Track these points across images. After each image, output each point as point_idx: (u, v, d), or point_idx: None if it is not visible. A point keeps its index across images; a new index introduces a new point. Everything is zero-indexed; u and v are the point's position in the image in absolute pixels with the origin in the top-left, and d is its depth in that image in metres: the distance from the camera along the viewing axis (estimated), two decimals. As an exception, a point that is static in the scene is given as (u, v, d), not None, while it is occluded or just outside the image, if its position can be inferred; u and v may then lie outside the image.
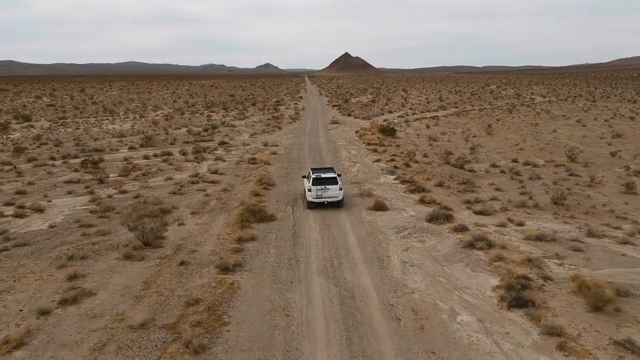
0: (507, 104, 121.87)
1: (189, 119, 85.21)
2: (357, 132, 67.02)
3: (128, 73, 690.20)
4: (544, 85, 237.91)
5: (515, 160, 45.89)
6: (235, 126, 74.32)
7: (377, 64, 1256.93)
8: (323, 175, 29.05)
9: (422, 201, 30.27)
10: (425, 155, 47.93)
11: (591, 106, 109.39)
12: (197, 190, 33.88)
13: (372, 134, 63.41)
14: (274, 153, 49.17)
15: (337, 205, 29.18)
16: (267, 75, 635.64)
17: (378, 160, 44.90)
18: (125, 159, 45.57)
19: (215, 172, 39.53)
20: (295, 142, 57.64)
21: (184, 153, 49.01)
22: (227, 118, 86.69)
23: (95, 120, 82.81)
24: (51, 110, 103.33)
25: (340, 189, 28.84)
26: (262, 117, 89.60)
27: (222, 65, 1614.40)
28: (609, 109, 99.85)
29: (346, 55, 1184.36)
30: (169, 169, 41.70)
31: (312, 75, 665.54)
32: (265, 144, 55.21)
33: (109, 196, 32.06)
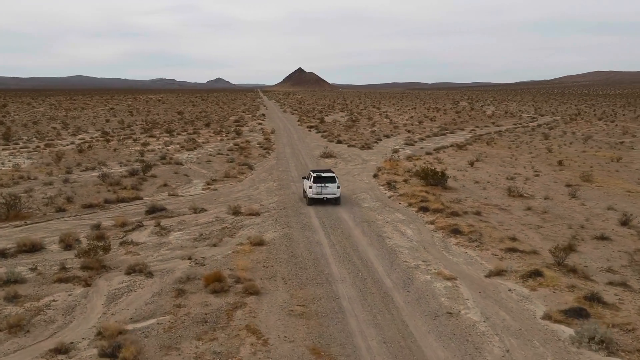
0: (515, 125, 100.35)
1: (115, 149, 58.80)
2: (375, 176, 42.56)
3: (73, 87, 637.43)
4: (516, 101, 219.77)
5: None
6: (181, 163, 48.59)
7: (330, 79, 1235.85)
8: (323, 175, 31.76)
9: None
10: (572, 248, 23.42)
11: (622, 128, 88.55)
12: None
13: (404, 181, 39.22)
14: (259, 244, 23.83)
15: (334, 202, 31.68)
16: (219, 90, 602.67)
17: (500, 274, 20.11)
18: None
19: None
20: (288, 203, 32.62)
21: (66, 245, 23.26)
22: (171, 147, 60.78)
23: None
24: None
25: (338, 187, 31.74)
26: (220, 144, 64.12)
27: (173, 79, 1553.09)
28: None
29: (300, 70, 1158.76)
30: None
31: (265, 90, 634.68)
32: (236, 211, 29.78)
33: None
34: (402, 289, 18.67)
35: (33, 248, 22.81)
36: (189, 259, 21.84)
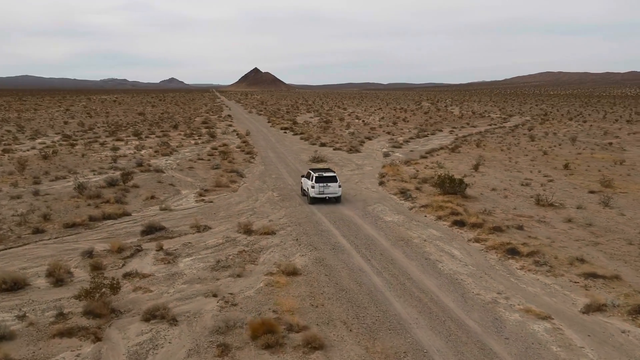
0: (490, 125, 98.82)
1: (83, 155, 53.53)
2: (381, 183, 39.18)
3: (20, 87, 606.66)
4: (475, 102, 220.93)
5: None
6: (162, 171, 44.01)
7: (286, 79, 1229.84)
8: (325, 174, 31.88)
9: None
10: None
11: (598, 128, 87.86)
12: None
13: (416, 189, 35.80)
14: (293, 273, 19.93)
15: (335, 200, 32.00)
16: (174, 90, 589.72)
17: (600, 309, 16.85)
18: None
19: None
20: (301, 218, 28.77)
21: (56, 279, 18.86)
22: (143, 152, 55.93)
23: None
24: None
25: (339, 186, 32.02)
26: (196, 148, 59.55)
27: (124, 79, 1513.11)
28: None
29: (256, 70, 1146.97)
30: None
31: (221, 90, 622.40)
32: (247, 230, 25.72)
33: None
34: (495, 334, 15.16)
35: (15, 285, 18.34)
36: (214, 295, 17.82)
